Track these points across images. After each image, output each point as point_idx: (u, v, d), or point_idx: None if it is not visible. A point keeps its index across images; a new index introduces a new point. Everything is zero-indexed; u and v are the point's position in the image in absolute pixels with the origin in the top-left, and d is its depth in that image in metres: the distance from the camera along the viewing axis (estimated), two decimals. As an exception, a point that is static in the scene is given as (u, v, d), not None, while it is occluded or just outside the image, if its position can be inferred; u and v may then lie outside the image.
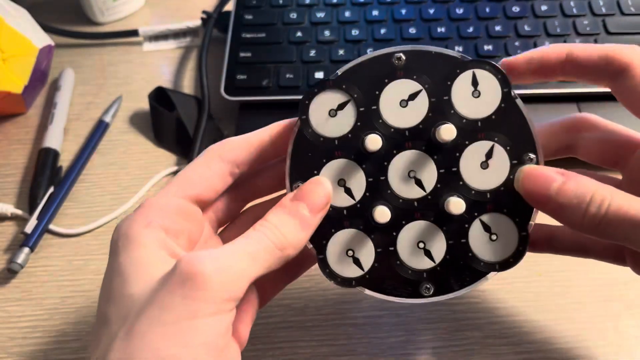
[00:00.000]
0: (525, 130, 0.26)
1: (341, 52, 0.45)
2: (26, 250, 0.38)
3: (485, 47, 0.44)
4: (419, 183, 0.27)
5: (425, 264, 0.27)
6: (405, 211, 0.27)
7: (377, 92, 0.27)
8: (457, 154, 0.27)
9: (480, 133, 0.27)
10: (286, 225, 0.25)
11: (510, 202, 0.26)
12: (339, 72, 0.27)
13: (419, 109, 0.27)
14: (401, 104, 0.27)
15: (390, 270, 0.27)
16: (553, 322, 0.34)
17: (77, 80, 0.49)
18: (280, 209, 0.26)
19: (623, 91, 0.26)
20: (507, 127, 0.26)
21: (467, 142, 0.26)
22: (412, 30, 0.46)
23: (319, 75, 0.43)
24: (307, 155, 0.27)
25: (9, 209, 0.40)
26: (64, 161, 0.43)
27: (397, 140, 0.27)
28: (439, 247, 0.27)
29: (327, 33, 0.46)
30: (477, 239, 0.27)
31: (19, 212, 0.40)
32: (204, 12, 0.50)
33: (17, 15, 0.45)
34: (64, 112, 0.46)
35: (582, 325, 0.33)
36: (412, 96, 0.27)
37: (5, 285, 0.37)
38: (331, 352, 0.33)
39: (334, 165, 0.27)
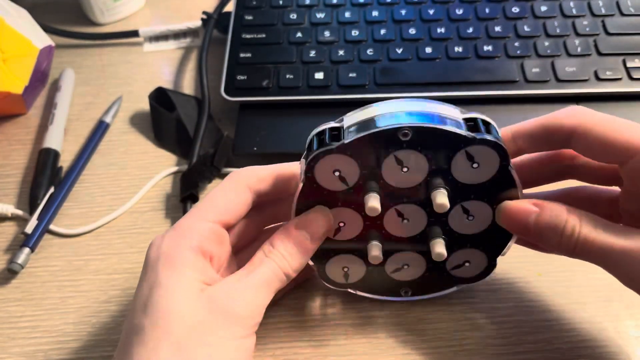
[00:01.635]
0: (514, 195, 0.29)
1: (341, 52, 0.45)
2: (26, 250, 0.38)
3: (485, 48, 0.44)
4: (410, 226, 0.30)
5: (407, 277, 0.33)
6: (395, 244, 0.31)
7: (380, 159, 0.28)
8: (449, 210, 0.29)
9: (472, 194, 0.29)
10: (291, 254, 0.29)
11: (486, 242, 0.31)
12: (345, 140, 0.27)
13: (418, 174, 0.28)
14: (402, 169, 0.28)
15: (377, 279, 0.33)
16: (553, 323, 0.34)
17: (78, 80, 0.49)
18: (285, 237, 0.29)
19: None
20: (497, 190, 0.29)
21: (458, 200, 0.29)
22: (412, 31, 0.46)
23: (319, 75, 0.43)
24: (311, 204, 0.29)
25: (10, 209, 0.40)
26: (64, 161, 0.43)
27: (395, 195, 0.29)
28: (420, 268, 0.32)
29: (327, 33, 0.46)
30: (452, 265, 0.32)
31: (20, 212, 0.40)
32: (204, 12, 0.50)
33: (18, 15, 0.45)
34: (64, 113, 0.46)
35: (582, 325, 0.33)
36: (414, 164, 0.28)
37: (6, 286, 0.37)
38: (331, 352, 0.33)
39: (336, 211, 0.30)
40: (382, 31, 0.46)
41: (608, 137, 0.27)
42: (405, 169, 0.28)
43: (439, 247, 0.30)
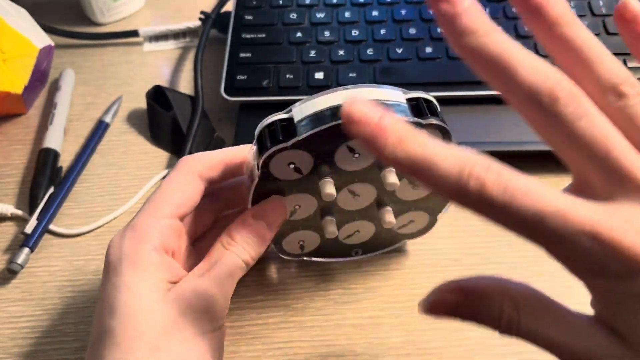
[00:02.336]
0: None
1: (341, 52, 0.45)
2: (26, 250, 0.38)
3: (485, 48, 0.44)
4: (360, 200, 0.32)
5: (358, 240, 0.35)
6: (348, 217, 0.33)
7: (333, 149, 0.28)
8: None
9: None
10: (250, 244, 0.29)
11: (430, 205, 0.33)
12: (300, 137, 0.27)
13: (369, 158, 0.29)
14: (354, 156, 0.29)
15: (331, 246, 0.35)
16: (553, 323, 0.34)
17: (77, 80, 0.49)
18: (243, 228, 0.29)
19: None
20: None
21: (404, 176, 0.30)
22: (412, 31, 0.46)
23: (319, 75, 0.43)
24: (267, 193, 0.30)
25: (9, 209, 0.40)
26: (64, 161, 0.43)
27: (347, 177, 0.30)
28: (370, 231, 0.34)
29: (327, 33, 0.46)
30: (399, 225, 0.34)
31: (19, 212, 0.40)
32: (202, 12, 0.50)
33: (17, 15, 0.45)
34: (64, 113, 0.46)
35: (582, 325, 0.33)
36: (365, 150, 0.28)
37: (6, 286, 0.37)
38: (331, 352, 0.33)
39: (292, 197, 0.30)
40: (382, 31, 0.46)
41: None
42: (356, 155, 0.29)
43: (389, 217, 0.32)
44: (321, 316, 0.35)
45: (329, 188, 0.29)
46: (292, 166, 0.29)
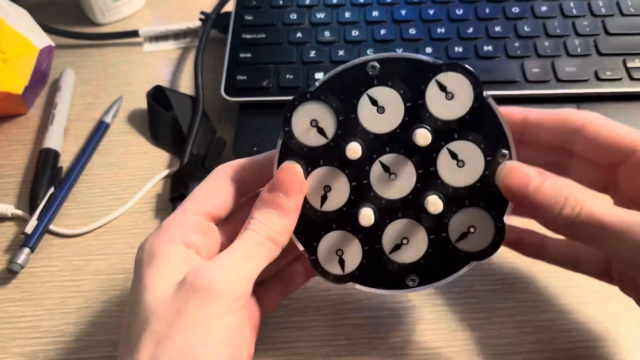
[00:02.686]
0: (498, 128, 0.28)
1: (341, 52, 0.45)
2: (26, 250, 0.38)
3: (485, 48, 0.44)
4: (399, 184, 0.28)
5: (409, 257, 0.29)
6: (388, 211, 0.29)
7: (354, 101, 0.28)
8: (434, 155, 0.28)
9: (455, 133, 0.28)
10: (269, 218, 0.28)
11: (487, 196, 0.28)
12: (317, 83, 0.28)
13: (395, 114, 0.28)
14: (378, 110, 0.28)
15: (378, 266, 0.29)
16: (553, 323, 0.34)
17: (78, 80, 0.49)
18: (261, 203, 0.28)
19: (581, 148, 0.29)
20: (480, 125, 0.28)
21: (443, 143, 0.28)
22: (412, 31, 0.46)
23: (319, 75, 0.43)
24: None
25: (10, 209, 0.40)
26: (65, 162, 0.43)
27: (376, 145, 0.28)
28: (422, 241, 0.29)
29: (327, 34, 0.46)
30: (456, 233, 0.28)
31: (20, 212, 0.40)
32: (202, 13, 0.50)
33: (18, 15, 0.45)
34: (64, 113, 0.46)
35: (582, 325, 0.34)
36: (388, 102, 0.28)
37: (6, 286, 0.37)
38: (331, 352, 0.33)
39: (319, 173, 0.29)
40: (382, 31, 0.46)
41: (615, 133, 0.28)
42: (380, 110, 0.28)
43: (433, 199, 0.28)
44: (321, 316, 0.35)
45: (353, 144, 0.27)
46: (314, 124, 0.28)
